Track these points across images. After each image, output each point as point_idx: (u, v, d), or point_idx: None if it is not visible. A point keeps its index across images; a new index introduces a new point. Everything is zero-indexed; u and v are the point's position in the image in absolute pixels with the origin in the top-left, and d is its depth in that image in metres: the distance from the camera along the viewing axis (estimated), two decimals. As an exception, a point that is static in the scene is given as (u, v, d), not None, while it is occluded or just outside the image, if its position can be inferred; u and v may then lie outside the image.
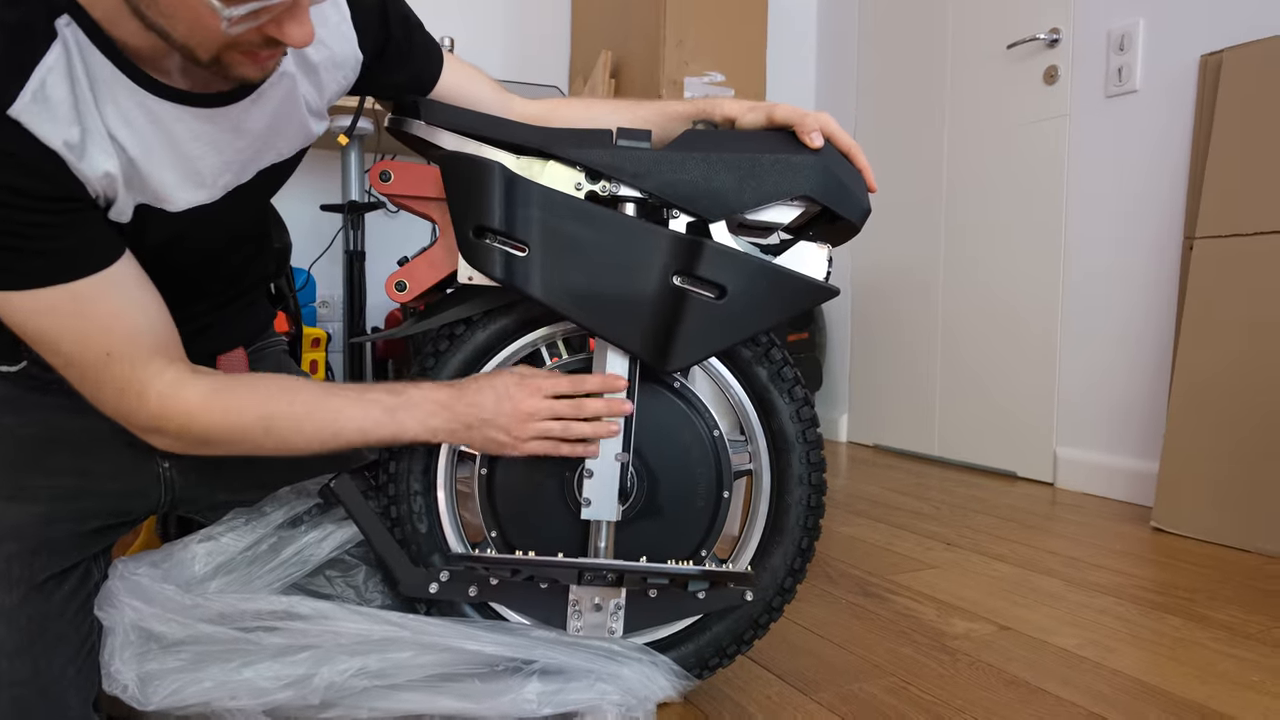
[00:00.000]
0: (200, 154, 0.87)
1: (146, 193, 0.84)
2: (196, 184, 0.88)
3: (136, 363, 0.84)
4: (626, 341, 0.99)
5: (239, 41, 0.75)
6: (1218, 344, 1.95)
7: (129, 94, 0.80)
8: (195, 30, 0.73)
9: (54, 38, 0.74)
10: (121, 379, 0.83)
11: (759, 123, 1.04)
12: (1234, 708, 1.12)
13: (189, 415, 0.86)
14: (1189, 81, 2.16)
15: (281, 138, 0.95)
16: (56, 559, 0.91)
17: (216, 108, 0.86)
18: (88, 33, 0.76)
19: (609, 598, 1.05)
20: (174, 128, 0.84)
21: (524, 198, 0.96)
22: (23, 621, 0.87)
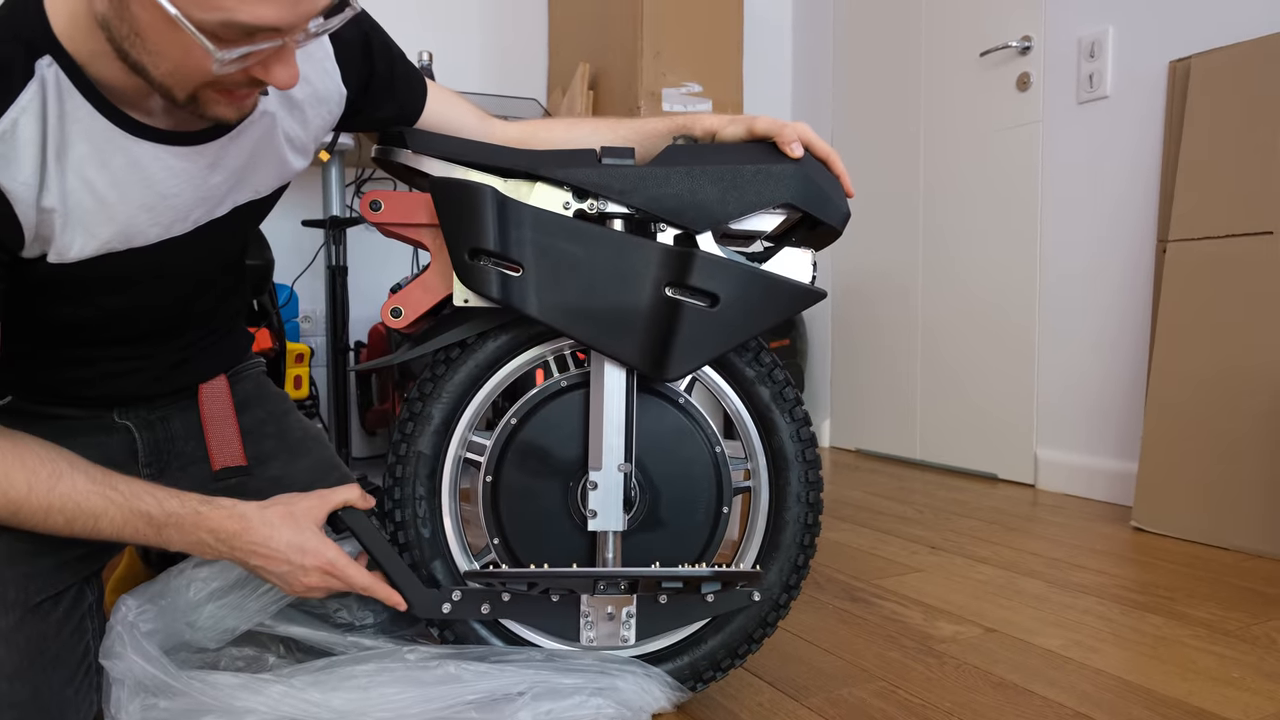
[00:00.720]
0: (176, 190, 0.87)
1: (115, 234, 0.84)
2: (170, 219, 0.88)
3: None
4: (623, 354, 1.00)
5: (219, 81, 0.75)
6: (1193, 345, 1.99)
7: (106, 136, 0.80)
8: (179, 69, 0.73)
9: (31, 77, 0.75)
10: None
11: (739, 135, 1.06)
12: (1214, 703, 1.14)
13: None
14: (1159, 87, 2.20)
15: (259, 174, 0.95)
16: (50, 582, 0.91)
17: (194, 145, 0.86)
18: (69, 73, 0.76)
19: (621, 606, 1.06)
20: (151, 166, 0.84)
21: (516, 219, 0.97)
22: (20, 643, 0.86)
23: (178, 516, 0.89)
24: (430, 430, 1.04)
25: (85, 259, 0.83)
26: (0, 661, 0.85)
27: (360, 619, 1.04)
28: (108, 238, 0.83)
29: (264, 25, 0.70)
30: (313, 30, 0.74)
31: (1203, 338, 1.97)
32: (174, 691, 0.86)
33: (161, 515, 0.88)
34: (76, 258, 0.82)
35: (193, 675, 0.87)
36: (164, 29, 0.70)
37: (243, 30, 0.70)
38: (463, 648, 1.02)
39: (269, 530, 0.91)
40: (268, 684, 0.89)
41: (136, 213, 0.84)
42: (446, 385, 1.04)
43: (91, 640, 0.93)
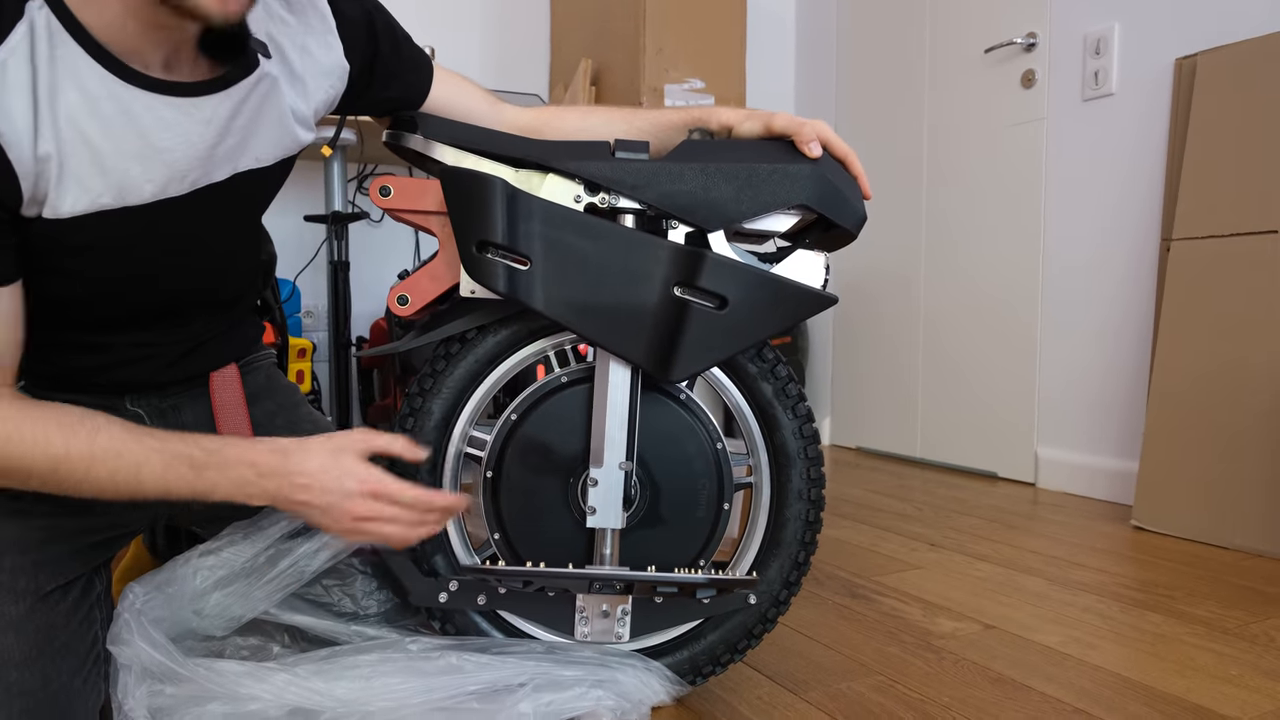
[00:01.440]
0: (170, 145, 0.84)
1: (108, 186, 0.82)
2: (165, 176, 0.85)
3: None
4: (629, 353, 1.00)
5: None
6: (1195, 344, 1.99)
7: (99, 81, 0.78)
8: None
9: (20, 18, 0.73)
10: None
11: (756, 131, 1.05)
12: (1213, 700, 1.15)
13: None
14: (1164, 85, 2.20)
15: (260, 140, 0.93)
16: (60, 571, 0.91)
17: (189, 97, 0.84)
18: (59, 16, 0.75)
19: (616, 604, 1.06)
20: (143, 117, 0.82)
21: (525, 212, 0.97)
22: (30, 632, 0.87)
23: (219, 454, 0.87)
24: (431, 425, 1.04)
25: (79, 215, 0.81)
26: (10, 650, 0.85)
27: (364, 608, 1.04)
28: (100, 190, 0.81)
29: None
30: None
31: (1205, 337, 1.97)
32: (180, 678, 0.86)
33: (202, 456, 0.86)
34: (70, 213, 0.80)
35: (198, 662, 0.87)
36: None
37: None
38: (464, 639, 1.03)
39: (308, 457, 0.89)
40: (272, 672, 0.89)
41: (129, 164, 0.82)
42: (447, 380, 1.04)
43: (100, 629, 0.94)
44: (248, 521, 1.01)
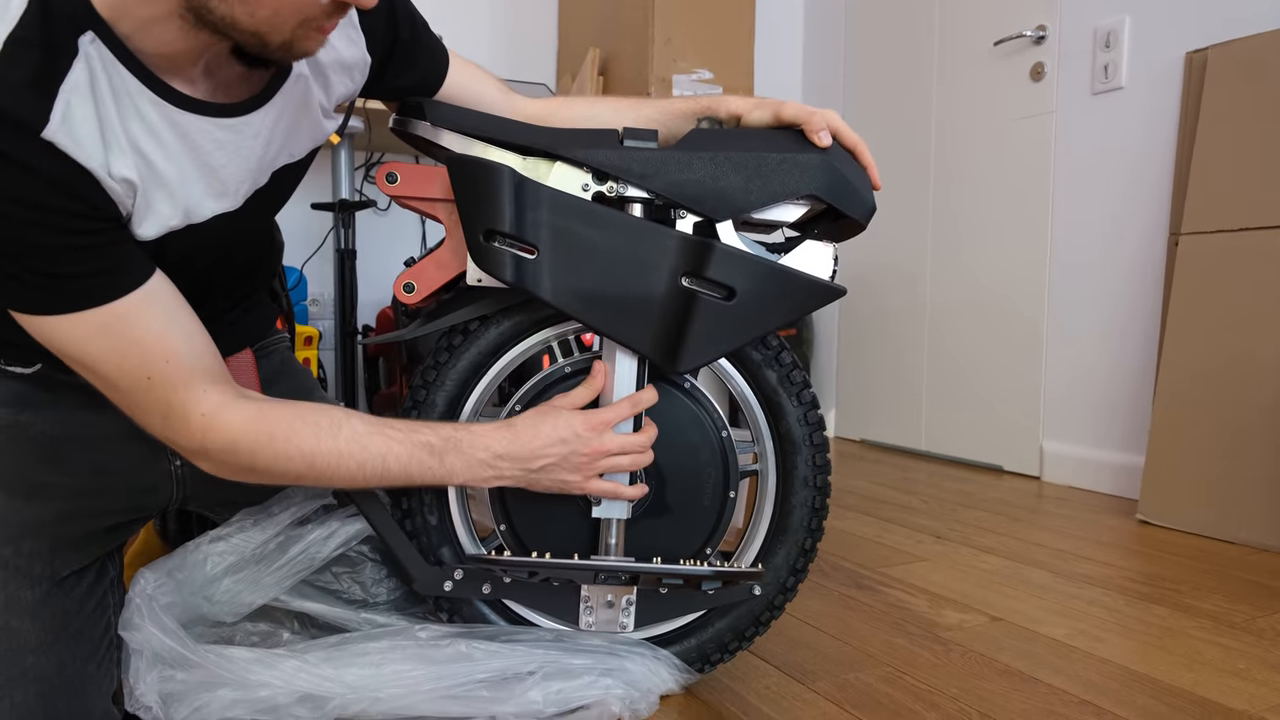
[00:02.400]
0: (224, 163, 0.87)
1: (177, 209, 0.84)
2: (220, 193, 0.88)
3: (178, 386, 0.82)
4: (636, 343, 1.00)
5: (313, 16, 0.76)
6: (1203, 338, 1.99)
7: (154, 107, 0.80)
8: (278, 10, 0.74)
9: (75, 55, 0.74)
10: (163, 403, 0.82)
11: (765, 120, 1.04)
12: (1219, 694, 1.15)
13: (233, 441, 0.85)
14: (1174, 78, 2.19)
15: (295, 139, 0.95)
16: (75, 556, 0.92)
17: (239, 116, 0.86)
18: (111, 48, 0.76)
19: (621, 594, 1.06)
20: (199, 139, 0.84)
21: (533, 201, 0.96)
22: (46, 617, 0.87)
23: (454, 439, 0.92)
24: (435, 416, 1.04)
25: (153, 238, 0.83)
26: (26, 634, 0.86)
27: (374, 596, 1.05)
28: (170, 214, 0.84)
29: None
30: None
31: (1213, 331, 1.97)
32: (190, 664, 0.87)
33: (441, 442, 0.92)
34: (145, 237, 0.83)
35: (208, 649, 0.88)
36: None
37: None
38: (473, 627, 1.03)
39: (530, 427, 0.95)
40: (282, 659, 0.90)
41: (191, 187, 0.85)
42: (451, 371, 1.04)
43: (113, 615, 0.94)
44: (258, 508, 1.01)
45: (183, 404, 0.83)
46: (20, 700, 0.84)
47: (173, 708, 0.86)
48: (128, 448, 0.97)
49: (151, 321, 0.81)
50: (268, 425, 0.86)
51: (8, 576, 0.87)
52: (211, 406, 0.84)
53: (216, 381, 0.86)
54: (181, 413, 0.83)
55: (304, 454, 0.87)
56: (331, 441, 0.88)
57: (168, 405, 0.83)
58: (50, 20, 0.73)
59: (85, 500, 0.93)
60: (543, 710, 0.96)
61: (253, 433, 0.85)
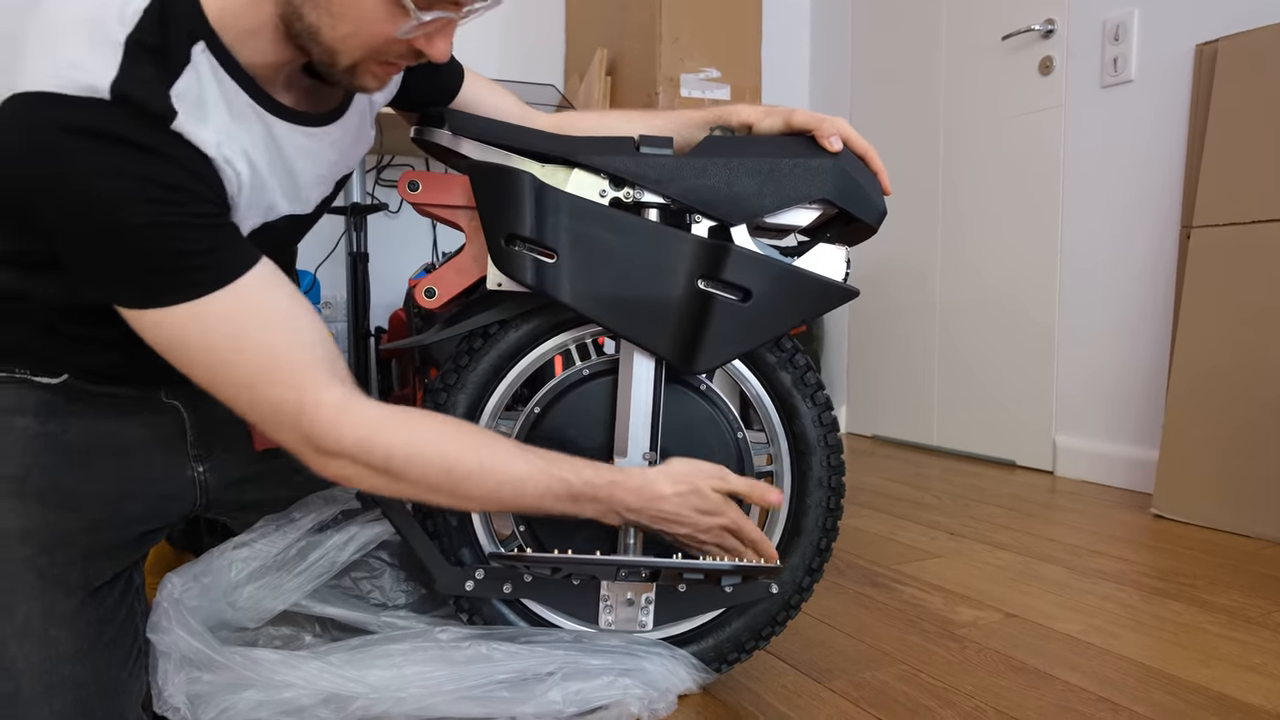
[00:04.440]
0: (302, 169, 0.91)
1: (260, 209, 0.88)
2: (293, 197, 0.92)
3: (306, 375, 0.81)
4: (653, 344, 1.01)
5: (383, 51, 0.79)
6: (1216, 332, 1.98)
7: (253, 112, 0.84)
8: (358, 32, 0.77)
9: (187, 63, 0.77)
10: (293, 396, 0.80)
11: (777, 127, 1.06)
12: (1236, 689, 1.15)
13: (372, 432, 0.82)
14: (1184, 71, 2.18)
15: (355, 149, 1.00)
16: (107, 564, 0.93)
17: (320, 126, 0.91)
18: (219, 57, 0.80)
19: (640, 592, 1.07)
20: (284, 144, 0.88)
21: (553, 206, 0.98)
22: (82, 625, 0.89)
23: (593, 487, 0.92)
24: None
25: None
26: (64, 643, 0.87)
27: (393, 600, 1.06)
28: (257, 213, 0.87)
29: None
30: (477, 9, 0.80)
31: (1226, 324, 1.96)
32: (217, 666, 0.88)
33: (580, 484, 0.92)
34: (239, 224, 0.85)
35: (234, 650, 0.89)
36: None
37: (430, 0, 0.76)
38: (493, 628, 1.04)
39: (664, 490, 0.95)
40: (306, 660, 0.91)
41: (275, 187, 0.88)
42: (470, 375, 1.05)
43: (139, 623, 0.96)
44: (280, 514, 1.03)
45: (315, 394, 0.81)
46: (59, 708, 0.86)
47: (200, 709, 0.88)
48: (153, 456, 0.99)
49: (272, 303, 0.81)
50: (405, 422, 0.85)
51: (45, 585, 0.88)
52: (341, 396, 0.82)
53: (340, 376, 0.84)
54: (314, 403, 0.81)
55: (445, 460, 0.86)
56: (475, 455, 0.87)
57: (299, 397, 0.80)
58: (168, 27, 0.76)
59: (115, 508, 0.95)
60: (562, 710, 0.97)
61: (391, 426, 0.84)
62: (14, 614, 0.87)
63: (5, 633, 0.86)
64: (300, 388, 0.81)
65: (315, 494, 1.06)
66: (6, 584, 0.87)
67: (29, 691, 0.85)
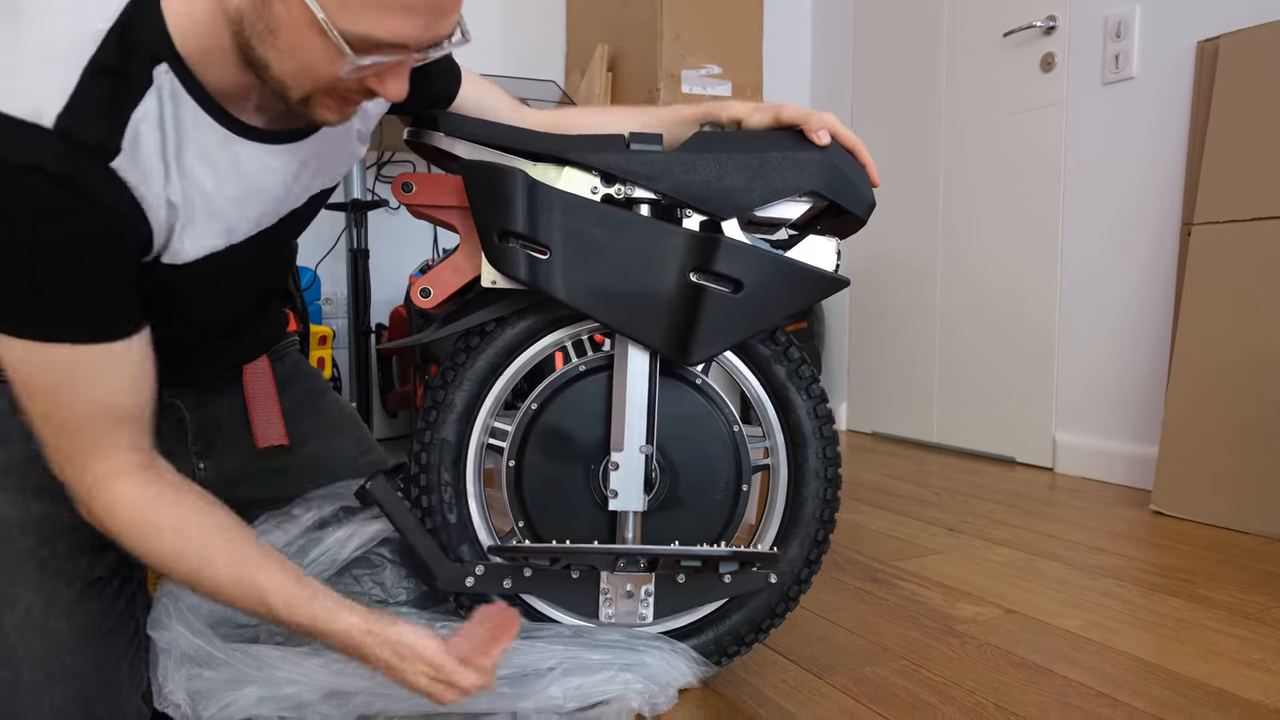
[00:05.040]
0: (269, 186, 0.90)
1: (220, 231, 0.87)
2: (259, 213, 0.91)
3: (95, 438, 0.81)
4: (647, 338, 1.02)
5: (335, 86, 0.78)
6: (1216, 329, 1.98)
7: (213, 135, 0.83)
8: (303, 69, 0.76)
9: (149, 85, 0.77)
10: (69, 449, 0.81)
11: (766, 123, 1.07)
12: (1235, 685, 1.15)
13: (108, 511, 0.83)
14: (1186, 68, 2.18)
15: (334, 164, 0.99)
16: (106, 558, 0.94)
17: (287, 144, 0.89)
18: (181, 79, 0.79)
19: (640, 584, 1.08)
20: (249, 165, 0.87)
21: (545, 202, 0.98)
22: (81, 616, 0.89)
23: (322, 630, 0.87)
24: (453, 418, 1.06)
25: (194, 259, 0.86)
26: (63, 635, 0.88)
27: (394, 596, 1.06)
28: (212, 234, 0.86)
29: (397, 41, 0.74)
30: (431, 55, 0.79)
31: (1226, 321, 1.97)
32: (217, 662, 0.88)
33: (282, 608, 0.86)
34: (187, 258, 0.85)
35: (235, 647, 0.90)
36: (302, 30, 0.73)
37: (375, 43, 0.74)
38: None
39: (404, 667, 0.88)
40: (307, 656, 0.91)
41: (236, 209, 0.87)
42: (468, 373, 1.06)
43: (140, 616, 0.96)
44: (281, 511, 1.03)
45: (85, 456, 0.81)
46: (60, 699, 0.86)
47: (201, 705, 0.88)
48: None
49: (110, 375, 0.80)
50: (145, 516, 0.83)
51: (45, 576, 0.89)
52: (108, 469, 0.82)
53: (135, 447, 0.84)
54: (81, 462, 0.82)
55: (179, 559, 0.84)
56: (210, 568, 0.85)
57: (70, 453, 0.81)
58: (130, 50, 0.75)
59: None
60: (563, 705, 0.97)
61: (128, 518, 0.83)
62: (15, 604, 0.87)
63: (6, 623, 0.87)
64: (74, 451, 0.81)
65: (316, 491, 1.06)
66: (7, 574, 0.88)
67: (29, 681, 0.86)
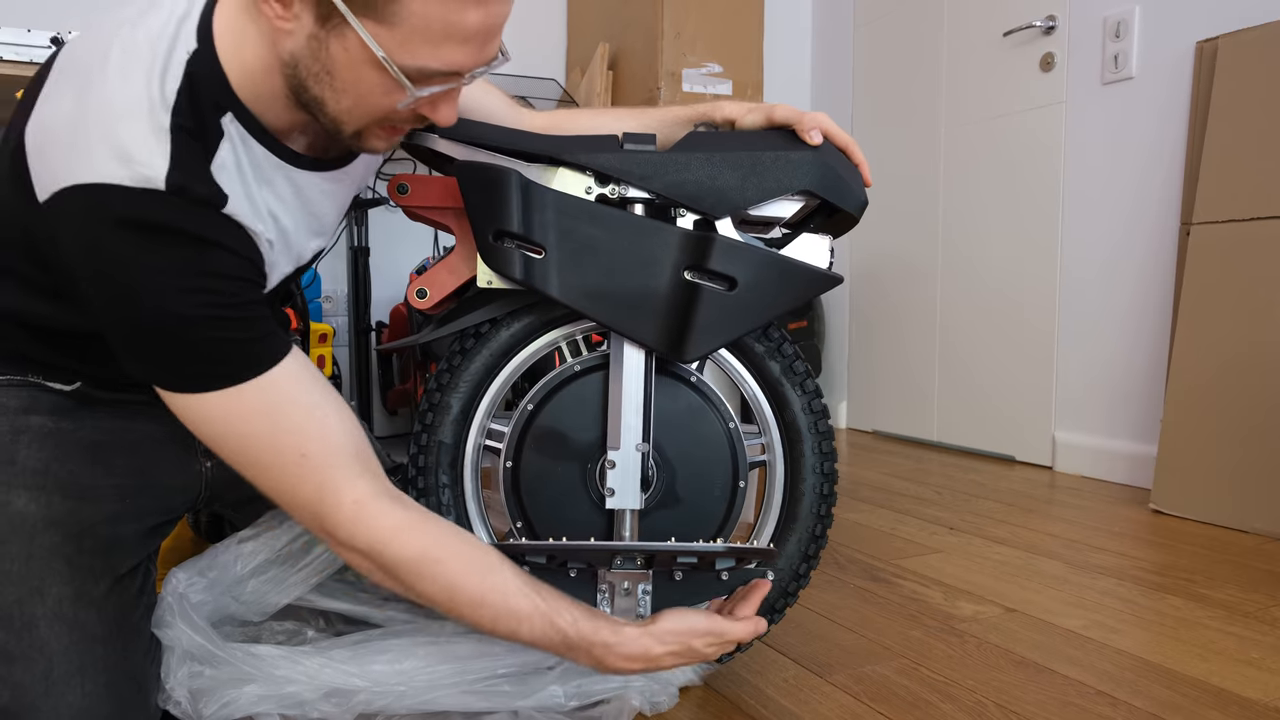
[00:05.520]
0: (326, 210, 0.94)
1: (291, 258, 0.91)
2: (319, 233, 0.95)
3: (333, 463, 0.82)
4: (643, 336, 1.02)
5: (390, 117, 0.81)
6: (1215, 328, 1.99)
7: (278, 170, 0.86)
8: (360, 105, 0.79)
9: (222, 136, 0.80)
10: (316, 482, 0.82)
11: (758, 123, 1.07)
12: (1234, 683, 1.15)
13: (384, 541, 0.84)
14: (1185, 68, 2.18)
15: (368, 173, 1.03)
16: (127, 555, 0.94)
17: (339, 169, 0.93)
18: (244, 124, 0.82)
19: (637, 582, 1.08)
20: (309, 192, 0.90)
21: (540, 203, 0.99)
22: (110, 610, 0.90)
23: (588, 643, 0.90)
24: (450, 420, 1.07)
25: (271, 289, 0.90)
26: (93, 626, 0.88)
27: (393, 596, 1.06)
28: (287, 263, 0.91)
29: (453, 70, 0.77)
30: (480, 73, 0.81)
31: (1225, 319, 1.97)
32: (219, 660, 0.89)
33: (575, 637, 0.90)
34: (269, 287, 0.89)
35: (236, 646, 0.90)
36: (360, 68, 0.76)
37: (432, 74, 0.76)
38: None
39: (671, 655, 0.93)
40: (308, 655, 0.91)
41: (304, 237, 0.92)
42: (463, 375, 1.06)
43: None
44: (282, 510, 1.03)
45: (335, 485, 0.82)
46: (91, 689, 0.86)
47: (202, 703, 0.88)
48: (163, 450, 1.00)
49: (302, 393, 0.83)
50: (419, 538, 0.85)
51: (73, 572, 0.89)
52: (363, 494, 0.83)
53: (368, 468, 0.86)
54: (334, 502, 0.82)
55: (449, 584, 0.86)
56: (479, 582, 0.87)
57: (320, 484, 0.82)
58: (198, 104, 0.78)
59: (131, 501, 0.96)
60: (564, 704, 0.98)
61: (402, 540, 0.84)
62: (45, 597, 0.88)
63: (36, 614, 0.87)
64: (321, 485, 0.83)
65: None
66: (37, 568, 0.88)
67: (61, 672, 0.86)
